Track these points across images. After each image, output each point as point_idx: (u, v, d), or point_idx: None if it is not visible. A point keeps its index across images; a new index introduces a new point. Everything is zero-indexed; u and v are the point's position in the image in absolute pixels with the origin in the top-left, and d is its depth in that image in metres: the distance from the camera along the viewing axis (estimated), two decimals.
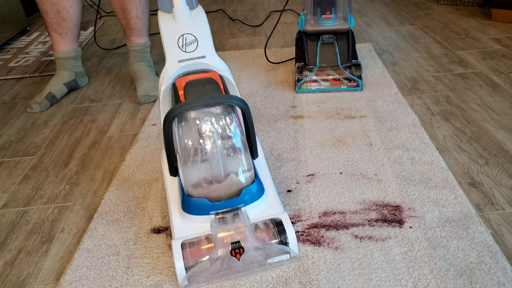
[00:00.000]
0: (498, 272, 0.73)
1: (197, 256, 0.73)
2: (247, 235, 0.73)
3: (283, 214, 0.78)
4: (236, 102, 0.76)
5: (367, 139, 1.13)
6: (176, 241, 0.74)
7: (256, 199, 0.80)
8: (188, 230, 0.78)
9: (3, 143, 1.29)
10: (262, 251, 0.74)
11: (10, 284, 0.81)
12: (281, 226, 0.76)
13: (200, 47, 0.86)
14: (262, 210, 0.81)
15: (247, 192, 0.79)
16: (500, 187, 0.94)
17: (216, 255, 0.72)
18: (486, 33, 1.81)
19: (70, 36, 1.49)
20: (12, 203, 1.02)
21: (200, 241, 0.75)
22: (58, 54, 1.51)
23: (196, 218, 0.78)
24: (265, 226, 0.77)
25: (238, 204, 0.78)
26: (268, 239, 0.75)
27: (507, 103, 1.26)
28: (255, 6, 2.55)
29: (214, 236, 0.74)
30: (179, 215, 0.80)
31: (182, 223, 0.79)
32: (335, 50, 1.38)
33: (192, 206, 0.78)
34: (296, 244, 0.76)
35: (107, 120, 1.37)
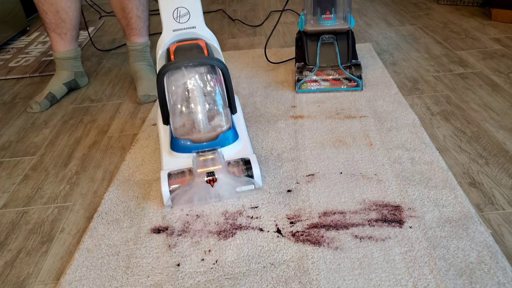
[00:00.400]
0: (498, 272, 0.73)
1: (179, 183, 0.91)
2: (221, 168, 0.91)
3: (252, 155, 0.96)
4: (216, 63, 0.93)
5: (367, 139, 1.13)
6: (164, 171, 0.92)
7: (231, 143, 0.98)
8: (174, 164, 0.95)
9: (3, 143, 1.29)
10: (232, 180, 0.92)
11: (10, 284, 0.81)
12: (249, 164, 0.93)
13: (191, 18, 1.01)
14: (235, 152, 0.98)
15: (223, 136, 0.96)
16: (500, 187, 0.94)
17: (195, 182, 0.90)
18: (486, 33, 1.81)
19: (69, 36, 1.49)
20: (12, 203, 1.02)
21: (183, 172, 0.93)
22: (57, 54, 1.51)
23: (181, 155, 0.96)
24: (236, 164, 0.94)
25: (215, 146, 0.96)
26: (238, 173, 0.93)
27: (507, 103, 1.26)
28: (255, 6, 2.55)
29: (195, 168, 0.91)
30: (168, 153, 0.98)
31: (170, 159, 0.96)
32: (335, 50, 1.38)
33: (178, 146, 0.96)
34: (260, 178, 0.94)
35: (107, 120, 1.37)
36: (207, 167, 0.91)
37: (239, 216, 0.90)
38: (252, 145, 1.03)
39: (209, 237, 0.85)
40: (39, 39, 2.24)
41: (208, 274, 0.77)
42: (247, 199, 0.95)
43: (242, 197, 0.95)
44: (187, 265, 0.80)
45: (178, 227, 0.88)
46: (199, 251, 0.82)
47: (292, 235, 0.84)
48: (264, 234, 0.85)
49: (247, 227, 0.87)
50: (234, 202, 0.94)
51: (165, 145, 0.99)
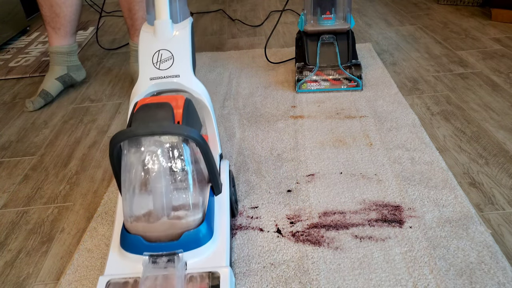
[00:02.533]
0: (498, 272, 0.73)
1: None
2: (176, 286, 0.65)
3: (224, 269, 0.68)
4: (185, 134, 0.67)
5: (367, 139, 1.13)
6: (103, 277, 0.68)
7: (199, 245, 0.70)
8: (121, 267, 0.71)
9: (3, 143, 1.29)
10: None
11: (10, 284, 0.81)
12: (217, 282, 0.67)
13: (175, 65, 0.80)
14: (204, 258, 0.71)
15: (188, 236, 0.69)
16: (500, 187, 0.94)
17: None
18: (486, 33, 1.81)
19: (63, 31, 1.47)
20: (12, 203, 1.02)
21: (128, 283, 0.68)
22: (51, 48, 1.50)
23: (131, 256, 0.70)
24: (202, 279, 0.68)
25: (176, 249, 0.69)
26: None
27: (507, 103, 1.26)
28: (255, 6, 2.55)
29: (142, 281, 0.66)
30: (117, 249, 0.72)
31: (117, 258, 0.72)
32: (335, 50, 1.38)
33: (127, 243, 0.70)
34: None
35: (107, 120, 1.37)
36: (157, 281, 0.66)
37: (239, 216, 0.90)
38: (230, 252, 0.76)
39: None
40: (39, 39, 2.24)
41: None
42: (247, 199, 0.95)
43: (242, 197, 0.95)
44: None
45: None
46: None
47: (292, 235, 0.84)
48: (264, 234, 0.85)
49: (247, 227, 0.87)
50: None
51: (117, 235, 0.74)
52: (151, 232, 0.70)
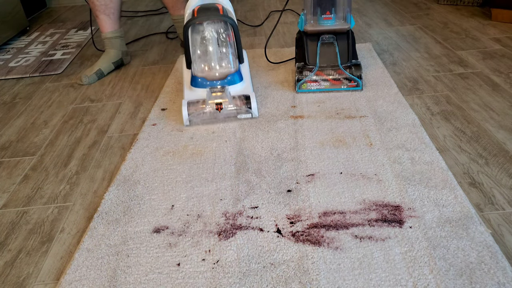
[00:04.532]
0: (498, 272, 0.73)
1: (196, 109, 1.23)
2: (227, 100, 1.22)
3: (252, 93, 1.25)
4: (227, 19, 1.21)
5: (367, 139, 1.13)
6: (184, 100, 1.25)
7: (236, 82, 1.28)
8: (192, 96, 1.27)
9: (3, 143, 1.29)
10: (234, 109, 1.24)
11: (10, 284, 0.81)
12: (249, 99, 1.23)
13: None
14: (239, 90, 1.29)
15: (231, 77, 1.27)
16: (500, 187, 0.94)
17: (207, 108, 1.22)
18: (486, 33, 1.81)
19: (115, 16, 1.66)
20: (12, 203, 1.02)
21: (199, 101, 1.24)
22: (106, 34, 1.68)
23: (198, 90, 1.27)
24: (239, 98, 1.24)
25: (224, 84, 1.26)
26: (240, 105, 1.24)
27: (507, 103, 1.26)
28: (255, 6, 2.55)
29: (207, 99, 1.22)
30: (188, 88, 1.29)
31: (189, 92, 1.28)
32: (335, 50, 1.38)
33: (196, 82, 1.27)
34: (256, 110, 1.24)
35: (107, 120, 1.37)
36: (216, 99, 1.21)
37: (239, 216, 0.90)
38: (252, 85, 1.36)
39: (209, 237, 0.85)
40: (39, 39, 2.24)
41: (209, 274, 0.77)
42: (247, 199, 0.95)
43: (242, 197, 0.95)
44: (187, 265, 0.80)
45: (178, 227, 0.89)
46: (199, 251, 0.82)
47: (292, 235, 0.84)
48: (264, 234, 0.85)
49: (247, 227, 0.87)
50: (234, 202, 0.94)
51: (187, 82, 1.29)
52: (210, 76, 1.28)
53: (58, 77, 1.74)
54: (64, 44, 2.13)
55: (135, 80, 1.65)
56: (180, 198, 0.97)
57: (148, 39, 2.09)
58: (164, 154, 1.14)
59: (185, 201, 0.96)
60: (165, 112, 1.36)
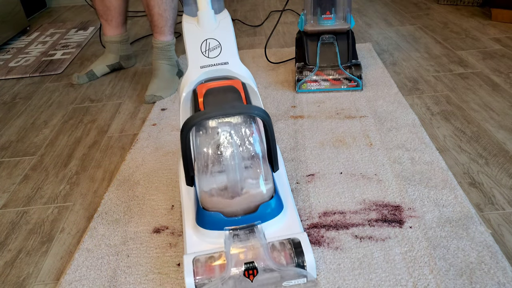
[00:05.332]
0: (498, 272, 0.73)
1: (208, 274, 0.69)
2: (262, 255, 0.69)
3: (302, 235, 0.73)
4: (257, 113, 0.72)
5: (367, 139, 1.13)
6: (188, 256, 0.71)
7: (274, 216, 0.76)
8: (201, 245, 0.75)
9: (3, 143, 1.29)
10: (277, 273, 0.69)
11: (10, 284, 0.81)
12: (299, 248, 0.71)
13: (223, 53, 0.83)
14: (280, 228, 0.76)
15: (265, 207, 0.75)
16: (500, 187, 0.94)
17: (229, 275, 0.68)
18: (486, 33, 1.81)
19: (115, 22, 1.63)
20: (12, 203, 1.02)
21: (213, 258, 0.71)
22: (105, 38, 1.67)
23: (210, 233, 0.74)
24: (282, 247, 0.72)
25: (255, 221, 0.74)
26: (284, 261, 0.70)
27: (507, 103, 1.26)
28: (255, 6, 2.55)
29: (227, 253, 0.70)
30: (193, 229, 0.77)
31: (195, 237, 0.76)
32: (335, 50, 1.38)
33: (206, 220, 0.74)
34: (314, 268, 0.71)
35: (107, 120, 1.37)
36: (244, 252, 0.70)
37: None
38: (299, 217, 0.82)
39: None
40: (39, 39, 2.24)
41: None
42: None
43: None
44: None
45: (178, 227, 0.88)
46: None
47: None
48: None
49: None
50: None
51: (188, 215, 0.80)
52: (230, 207, 0.75)
53: (58, 77, 1.74)
54: (64, 44, 2.13)
55: (135, 80, 1.65)
56: (180, 198, 0.97)
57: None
58: (164, 154, 1.14)
59: None
60: (165, 112, 1.36)
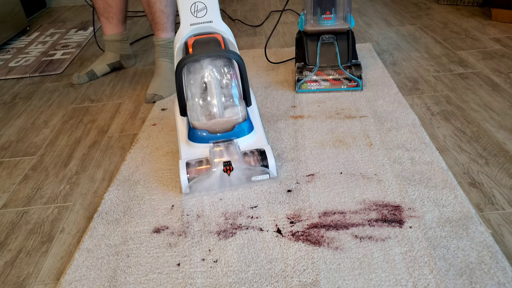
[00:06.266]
0: (498, 272, 0.73)
1: (197, 172, 0.94)
2: (236, 158, 0.93)
3: (267, 146, 0.98)
4: (232, 56, 0.94)
5: (367, 139, 1.13)
6: (182, 160, 0.95)
7: (246, 134, 1.00)
8: (192, 153, 0.98)
9: (3, 143, 1.29)
10: (247, 170, 0.95)
11: (10, 284, 0.81)
12: (264, 155, 0.96)
13: (208, 13, 1.02)
14: (250, 143, 1.00)
15: (239, 127, 0.99)
16: (500, 187, 0.94)
17: (212, 170, 0.93)
18: (486, 33, 1.81)
19: (116, 20, 1.62)
20: (12, 203, 1.02)
21: (201, 161, 0.96)
22: (105, 36, 1.66)
23: (198, 145, 0.98)
24: (252, 154, 0.97)
25: (231, 137, 0.98)
26: (253, 163, 0.96)
27: (507, 103, 1.26)
28: (255, 6, 2.55)
29: (211, 158, 0.94)
30: (186, 143, 1.00)
31: (187, 149, 0.99)
32: (335, 50, 1.38)
33: (196, 136, 0.98)
34: (275, 168, 0.95)
35: (107, 120, 1.37)
36: (223, 157, 0.94)
37: (239, 216, 0.90)
38: (266, 136, 1.06)
39: (209, 237, 0.85)
40: (39, 39, 2.24)
41: (208, 273, 0.77)
42: (247, 199, 0.95)
43: (242, 197, 0.95)
44: (187, 265, 0.80)
45: (178, 227, 0.89)
46: (199, 251, 0.82)
47: (292, 235, 0.84)
48: (264, 234, 0.85)
49: (247, 227, 0.87)
50: (234, 202, 0.94)
51: (183, 135, 1.02)
52: (213, 127, 0.99)
53: (58, 77, 1.74)
54: (64, 44, 2.13)
55: (135, 80, 1.65)
56: (180, 198, 0.97)
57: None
58: (164, 154, 1.14)
59: (185, 201, 0.96)
60: (165, 112, 1.36)
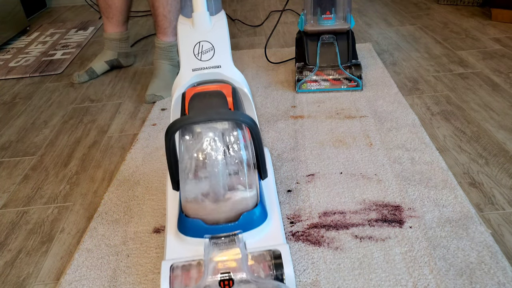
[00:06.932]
0: (498, 272, 0.73)
1: (185, 282, 0.68)
2: (240, 266, 0.67)
3: (284, 246, 0.70)
4: (241, 119, 0.69)
5: (367, 139, 1.13)
6: (165, 262, 0.69)
7: (257, 226, 0.73)
8: (181, 251, 0.73)
9: (3, 143, 1.29)
10: (253, 285, 0.66)
11: (10, 284, 0.81)
12: (279, 260, 0.68)
13: (216, 56, 0.82)
14: (262, 238, 0.74)
15: (247, 217, 0.72)
16: (500, 187, 0.94)
17: (203, 284, 0.66)
18: (486, 33, 1.81)
19: (116, 20, 1.64)
20: (12, 203, 1.03)
21: (191, 266, 0.70)
22: (105, 34, 1.68)
23: (190, 240, 0.73)
24: (261, 258, 0.69)
25: (236, 229, 0.72)
26: (263, 273, 0.68)
27: (507, 103, 1.26)
28: (255, 6, 2.55)
29: (205, 262, 0.68)
30: (174, 235, 0.75)
31: (175, 243, 0.74)
32: (335, 50, 1.38)
33: (187, 227, 0.73)
34: (293, 281, 0.68)
35: (107, 120, 1.37)
36: (222, 262, 0.68)
37: None
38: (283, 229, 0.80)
39: None
40: (39, 39, 2.24)
41: None
42: None
43: None
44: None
45: None
46: None
47: (292, 235, 0.84)
48: None
49: None
50: None
51: (171, 221, 0.78)
52: (211, 215, 0.73)
53: (58, 77, 1.74)
54: (64, 44, 2.13)
55: (135, 80, 1.65)
56: None
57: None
58: (164, 154, 1.14)
59: None
60: (165, 112, 1.36)
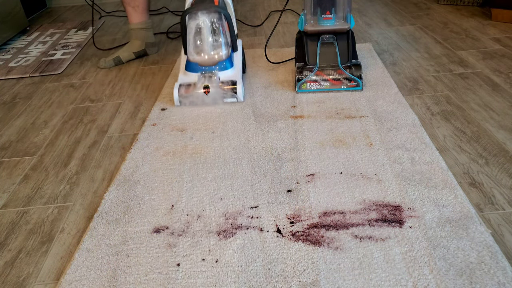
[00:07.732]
0: (498, 272, 0.73)
1: (186, 91, 1.35)
2: (214, 84, 1.34)
3: (239, 79, 1.37)
4: (220, 11, 1.32)
5: (367, 139, 1.13)
6: (177, 83, 1.38)
7: (226, 69, 1.39)
8: (185, 79, 1.39)
9: (3, 143, 1.29)
10: (220, 92, 1.34)
11: (10, 284, 0.81)
12: (235, 84, 1.34)
13: None
14: (228, 76, 1.39)
15: (222, 63, 1.39)
16: (500, 187, 0.94)
17: (195, 90, 1.35)
18: (486, 33, 1.81)
19: (141, 8, 1.74)
20: (12, 203, 1.03)
21: (189, 84, 1.36)
22: (132, 25, 1.77)
23: (191, 74, 1.39)
24: (226, 83, 1.35)
25: (214, 69, 1.38)
26: (226, 89, 1.34)
27: (507, 103, 1.26)
28: (255, 6, 2.55)
29: (198, 83, 1.35)
30: (183, 73, 1.41)
31: (183, 76, 1.40)
32: (335, 50, 1.38)
33: (190, 66, 1.39)
34: (242, 95, 1.35)
35: (107, 120, 1.37)
36: (205, 83, 1.34)
37: (239, 216, 0.90)
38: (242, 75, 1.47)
39: (209, 237, 0.85)
40: (39, 39, 2.24)
41: (209, 274, 0.77)
42: (247, 199, 0.95)
43: (242, 197, 0.95)
44: (187, 265, 0.80)
45: (178, 227, 0.89)
46: (199, 251, 0.82)
47: (292, 235, 0.84)
48: (264, 234, 0.85)
49: (247, 227, 0.87)
50: (234, 202, 0.94)
51: (182, 67, 1.42)
52: (202, 62, 1.37)
53: (58, 77, 1.74)
54: (64, 44, 2.13)
55: (135, 80, 1.65)
56: (180, 198, 0.97)
57: None
58: (164, 154, 1.14)
59: (185, 201, 0.96)
60: (165, 112, 1.36)
